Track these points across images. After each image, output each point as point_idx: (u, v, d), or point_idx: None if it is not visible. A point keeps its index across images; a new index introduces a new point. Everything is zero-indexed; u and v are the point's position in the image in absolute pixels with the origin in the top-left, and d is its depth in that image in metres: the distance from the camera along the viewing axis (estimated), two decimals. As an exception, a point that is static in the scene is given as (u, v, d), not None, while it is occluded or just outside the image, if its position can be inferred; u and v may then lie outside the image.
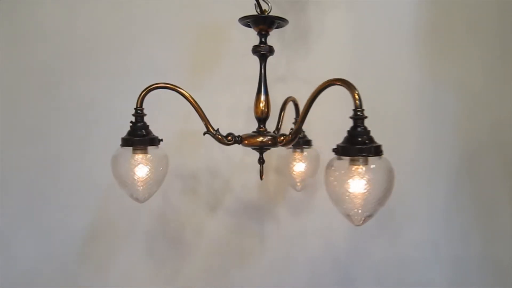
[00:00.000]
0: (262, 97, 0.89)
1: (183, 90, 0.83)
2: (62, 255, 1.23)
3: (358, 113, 0.64)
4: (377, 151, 0.64)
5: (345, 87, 0.65)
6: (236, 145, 0.89)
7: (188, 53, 1.23)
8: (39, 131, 1.20)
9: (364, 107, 0.64)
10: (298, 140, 1.01)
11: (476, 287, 1.25)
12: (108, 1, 1.19)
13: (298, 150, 1.06)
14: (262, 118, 0.90)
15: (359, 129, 0.64)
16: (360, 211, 0.64)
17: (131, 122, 0.83)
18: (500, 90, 1.23)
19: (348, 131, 0.66)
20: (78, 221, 1.23)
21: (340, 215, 1.20)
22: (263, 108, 0.89)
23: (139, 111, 0.82)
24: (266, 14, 0.86)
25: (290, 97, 1.00)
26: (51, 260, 1.23)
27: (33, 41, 1.18)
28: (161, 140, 0.86)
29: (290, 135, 0.83)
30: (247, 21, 0.87)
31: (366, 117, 0.65)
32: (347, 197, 0.65)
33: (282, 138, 0.85)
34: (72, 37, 1.19)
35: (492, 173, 1.25)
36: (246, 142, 0.88)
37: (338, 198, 0.66)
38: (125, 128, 0.82)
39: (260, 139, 0.87)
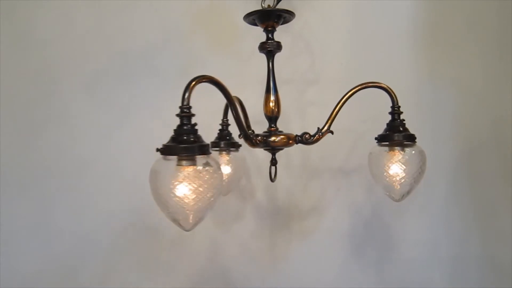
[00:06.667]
0: (272, 96, 0.87)
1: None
2: (63, 257, 1.20)
3: (396, 108, 0.81)
4: (412, 138, 0.80)
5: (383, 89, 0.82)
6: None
7: (192, 53, 1.21)
8: (40, 132, 1.19)
9: (363, 105, 0.82)
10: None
11: (476, 287, 1.26)
12: (108, 2, 1.19)
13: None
14: (272, 117, 0.88)
15: (397, 121, 0.81)
16: (399, 187, 0.79)
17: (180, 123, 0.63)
18: (499, 89, 1.25)
19: (387, 124, 0.82)
20: (80, 223, 1.20)
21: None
22: (273, 107, 0.87)
23: (186, 110, 0.60)
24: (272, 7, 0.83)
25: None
26: (53, 263, 1.20)
27: (34, 42, 1.18)
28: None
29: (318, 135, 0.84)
30: (252, 18, 0.85)
31: (402, 112, 0.81)
32: (386, 177, 0.80)
33: (307, 135, 0.85)
34: (72, 38, 1.19)
35: (492, 172, 1.26)
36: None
37: (378, 176, 0.82)
38: (127, 129, 0.81)
39: (272, 139, 0.84)
